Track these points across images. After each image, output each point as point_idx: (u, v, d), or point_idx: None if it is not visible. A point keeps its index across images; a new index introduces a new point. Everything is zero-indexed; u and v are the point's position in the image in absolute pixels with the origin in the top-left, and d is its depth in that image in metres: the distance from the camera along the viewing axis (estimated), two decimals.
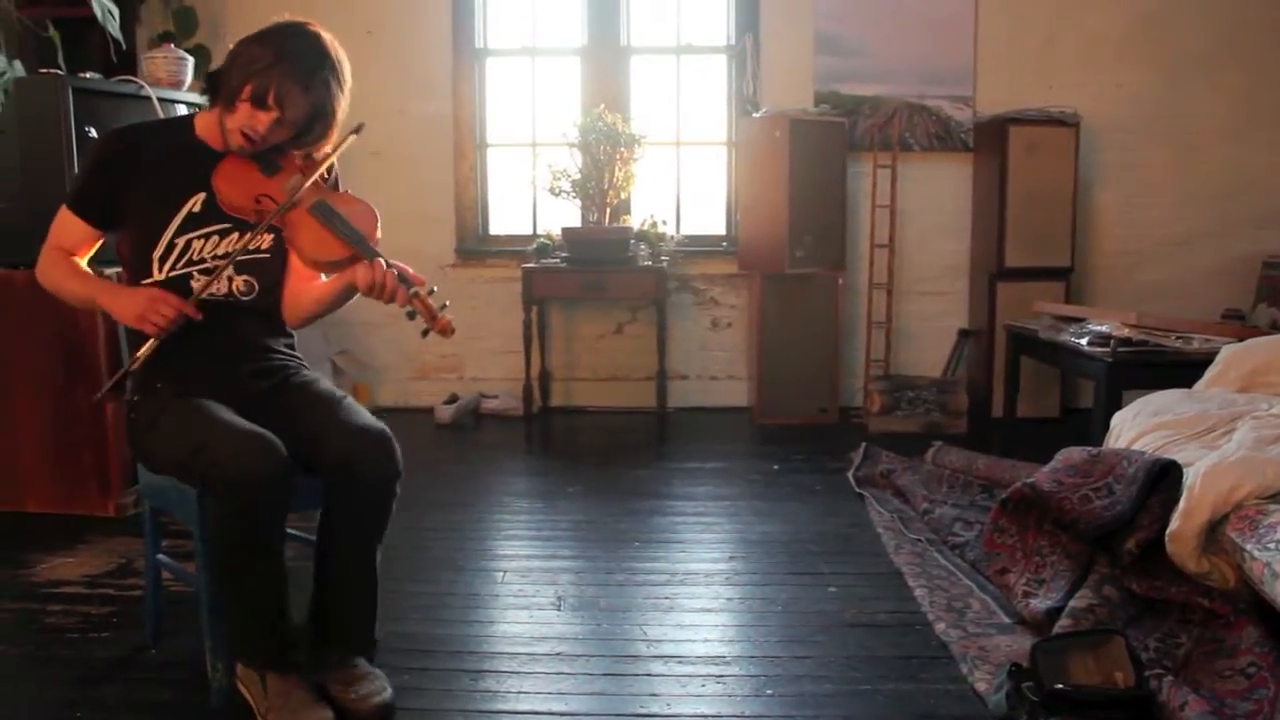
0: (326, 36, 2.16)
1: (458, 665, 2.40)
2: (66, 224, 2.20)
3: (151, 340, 2.07)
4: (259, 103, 2.09)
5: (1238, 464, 2.30)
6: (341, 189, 2.34)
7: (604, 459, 4.37)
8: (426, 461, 4.22)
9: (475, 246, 5.29)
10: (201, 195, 2.18)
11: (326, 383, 2.34)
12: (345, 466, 2.12)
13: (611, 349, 5.26)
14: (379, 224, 2.21)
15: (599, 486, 3.91)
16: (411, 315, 2.08)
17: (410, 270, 2.12)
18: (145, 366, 2.18)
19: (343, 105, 2.17)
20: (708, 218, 5.34)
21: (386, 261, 2.11)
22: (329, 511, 2.20)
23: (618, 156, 4.66)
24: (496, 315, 5.13)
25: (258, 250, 2.23)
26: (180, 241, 2.16)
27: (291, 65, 2.07)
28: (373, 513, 2.19)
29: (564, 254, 4.70)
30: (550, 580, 2.93)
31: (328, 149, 2.23)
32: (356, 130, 2.25)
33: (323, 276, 2.29)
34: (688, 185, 5.31)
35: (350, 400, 2.26)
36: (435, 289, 2.12)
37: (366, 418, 2.19)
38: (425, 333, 2.08)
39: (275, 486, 1.99)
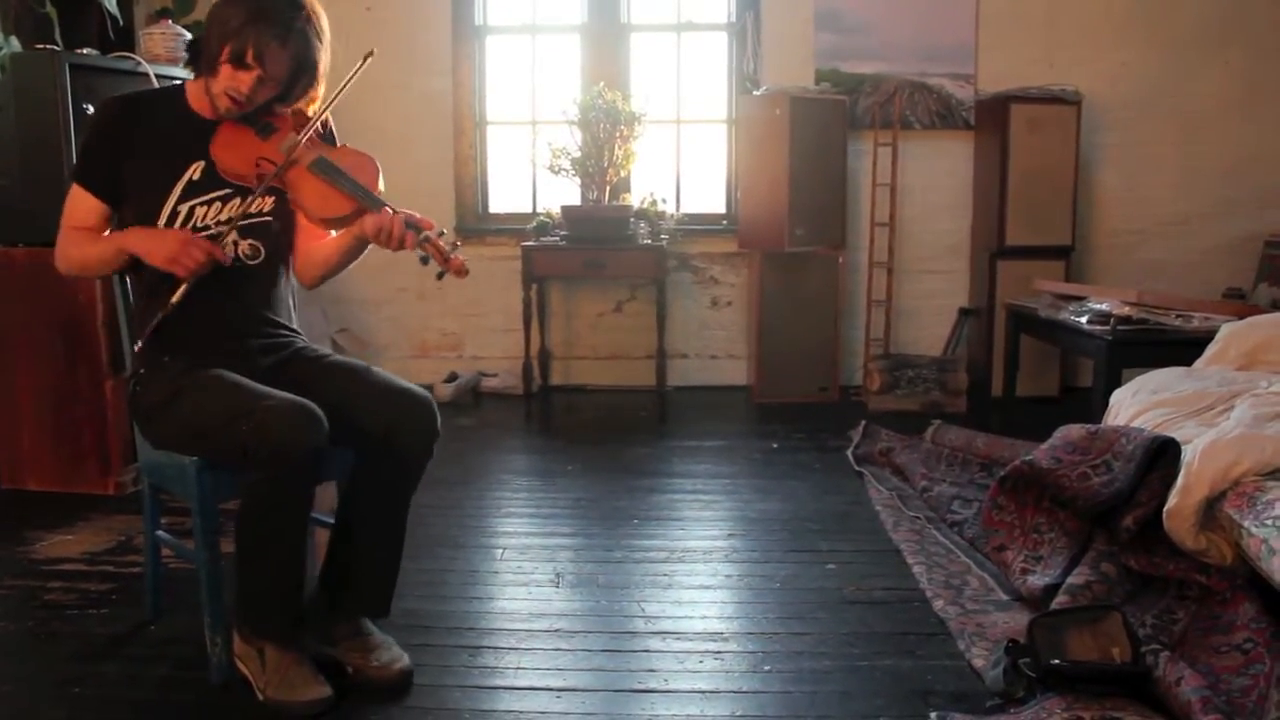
0: None
1: (456, 641, 2.41)
2: (76, 201, 2.19)
3: (184, 285, 2.08)
4: (238, 62, 2.07)
5: (1236, 441, 2.30)
6: (339, 143, 2.32)
7: (603, 437, 4.38)
8: None
9: (475, 224, 5.27)
10: (200, 164, 2.17)
11: (340, 356, 2.35)
12: (386, 429, 2.14)
13: (611, 327, 5.26)
14: (380, 174, 2.20)
15: (598, 464, 3.91)
16: (425, 260, 2.09)
17: (417, 215, 2.12)
18: (150, 342, 2.19)
19: (324, 57, 2.16)
20: (707, 196, 5.32)
21: (393, 209, 2.11)
22: (361, 475, 2.22)
23: (617, 134, 4.63)
24: (496, 293, 5.12)
25: (260, 214, 2.23)
26: (183, 209, 2.16)
27: (265, 20, 2.05)
28: (409, 475, 2.23)
29: (563, 232, 4.68)
30: (549, 557, 2.94)
31: (318, 93, 2.20)
32: (366, 58, 2.17)
33: (332, 233, 2.29)
34: (688, 163, 5.29)
35: (378, 368, 2.27)
36: (445, 231, 2.11)
37: (404, 382, 2.22)
38: (440, 275, 2.08)
39: (317, 455, 2.01)
